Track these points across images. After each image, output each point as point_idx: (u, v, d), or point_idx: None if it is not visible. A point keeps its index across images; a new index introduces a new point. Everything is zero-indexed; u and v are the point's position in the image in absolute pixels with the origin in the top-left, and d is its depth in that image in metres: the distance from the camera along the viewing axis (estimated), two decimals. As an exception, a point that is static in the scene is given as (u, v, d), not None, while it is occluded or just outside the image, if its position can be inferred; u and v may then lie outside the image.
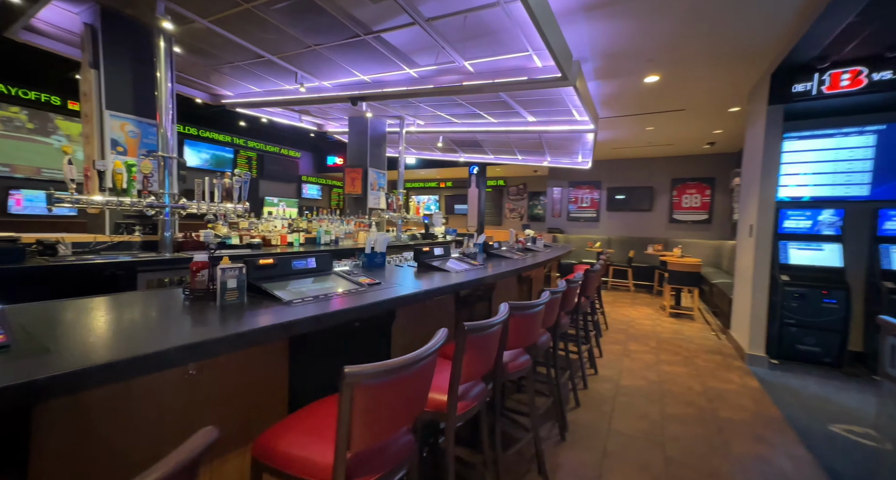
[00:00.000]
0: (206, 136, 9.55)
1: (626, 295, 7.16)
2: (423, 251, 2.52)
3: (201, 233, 2.97)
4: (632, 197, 8.51)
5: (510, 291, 3.32)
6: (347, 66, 3.36)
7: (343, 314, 1.28)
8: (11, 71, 6.07)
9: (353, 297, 1.46)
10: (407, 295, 1.58)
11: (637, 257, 7.97)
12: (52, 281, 2.04)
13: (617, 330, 4.69)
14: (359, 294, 1.52)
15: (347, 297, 1.45)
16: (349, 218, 4.83)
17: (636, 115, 5.32)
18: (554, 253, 4.25)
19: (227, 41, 3.00)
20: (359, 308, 1.36)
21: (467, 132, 5.57)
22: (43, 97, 6.71)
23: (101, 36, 2.55)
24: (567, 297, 2.36)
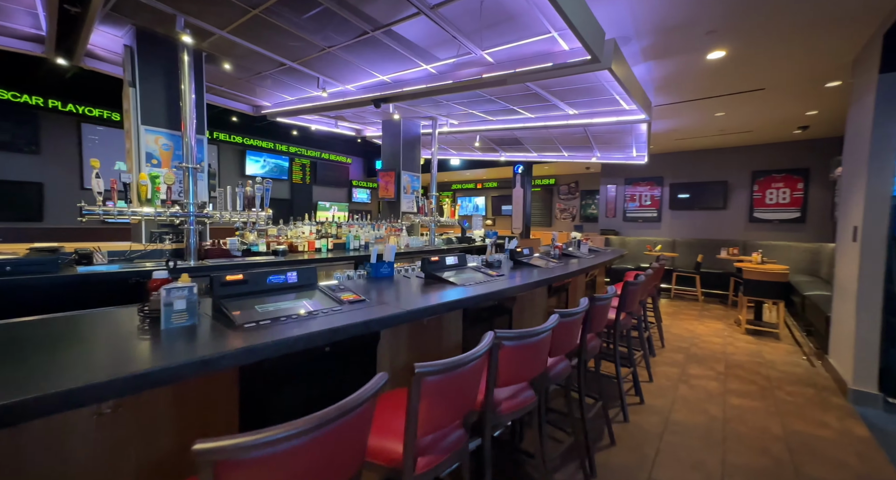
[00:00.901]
0: (265, 146, 10.28)
1: (692, 305, 6.29)
2: (430, 261, 2.31)
3: (227, 241, 3.06)
4: (700, 193, 7.49)
5: (538, 304, 2.98)
6: (365, 67, 3.28)
7: (299, 341, 1.13)
8: (95, 94, 6.97)
9: (322, 319, 1.30)
10: (387, 316, 1.39)
11: (707, 262, 6.99)
12: (79, 291, 2.15)
13: (675, 349, 4.07)
14: (331, 315, 1.36)
15: (316, 319, 1.30)
16: (380, 222, 4.78)
17: (700, 100, 4.60)
18: (598, 260, 3.80)
19: (249, 51, 3.07)
20: (323, 332, 1.20)
21: (504, 130, 5.25)
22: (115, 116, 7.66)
23: (136, 55, 2.74)
24: (594, 317, 2.00)
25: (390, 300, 1.65)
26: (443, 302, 1.65)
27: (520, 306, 2.68)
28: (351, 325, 1.27)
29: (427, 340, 1.91)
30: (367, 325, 1.33)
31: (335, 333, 1.22)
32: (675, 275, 6.88)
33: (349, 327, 1.27)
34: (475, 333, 2.23)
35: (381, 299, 1.64)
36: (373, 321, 1.35)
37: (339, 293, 1.62)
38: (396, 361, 1.73)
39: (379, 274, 2.30)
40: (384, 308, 1.49)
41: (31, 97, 6.34)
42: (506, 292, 2.08)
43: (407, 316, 1.45)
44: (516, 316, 2.62)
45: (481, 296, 1.89)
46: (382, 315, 1.38)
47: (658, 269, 3.82)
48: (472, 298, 1.84)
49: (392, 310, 1.45)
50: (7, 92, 6.08)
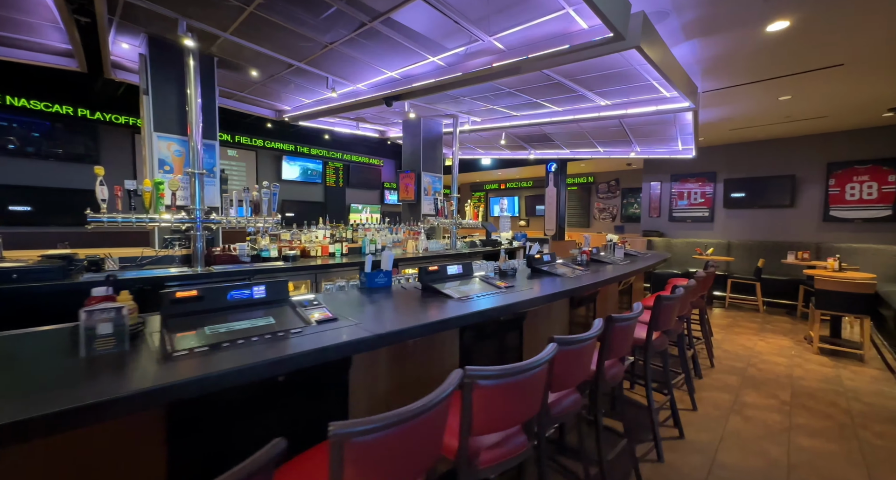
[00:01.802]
0: (301, 151, 10.61)
1: (751, 316, 5.54)
2: (427, 270, 2.10)
3: (237, 247, 3.04)
4: (762, 190, 6.62)
5: (557, 318, 2.66)
6: (372, 62, 3.13)
7: (225, 377, 0.95)
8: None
9: (274, 344, 1.13)
10: (348, 342, 1.19)
11: (769, 267, 6.16)
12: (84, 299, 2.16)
13: (728, 369, 3.53)
14: (288, 339, 1.19)
15: (266, 344, 1.13)
16: (398, 226, 4.64)
17: (759, 83, 3.99)
18: (633, 266, 3.39)
19: (256, 54, 3.04)
20: (263, 365, 1.02)
21: (530, 125, 4.91)
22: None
23: (149, 63, 2.79)
24: (614, 340, 1.68)
25: (368, 318, 1.45)
26: (428, 322, 1.42)
27: (535, 321, 2.39)
28: (300, 354, 1.08)
29: (416, 363, 1.69)
30: (322, 353, 1.13)
31: (277, 366, 1.04)
32: (729, 282, 6.12)
33: (299, 356, 1.08)
34: (479, 353, 1.98)
35: (358, 317, 1.45)
36: (330, 348, 1.15)
37: (310, 310, 1.45)
38: (375, 389, 1.53)
39: (373, 285, 2.12)
40: (353, 329, 1.29)
41: (91, 111, 6.93)
42: (513, 307, 1.82)
43: (375, 342, 1.25)
44: (529, 333, 2.33)
45: (481, 313, 1.65)
46: (342, 340, 1.19)
47: (705, 277, 3.33)
48: (470, 315, 1.60)
49: (361, 333, 1.25)
50: (69, 107, 6.68)
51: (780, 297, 6.05)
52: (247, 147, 9.53)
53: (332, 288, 2.10)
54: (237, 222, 2.85)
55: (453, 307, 1.68)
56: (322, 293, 1.98)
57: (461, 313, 1.57)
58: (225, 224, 2.77)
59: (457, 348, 1.86)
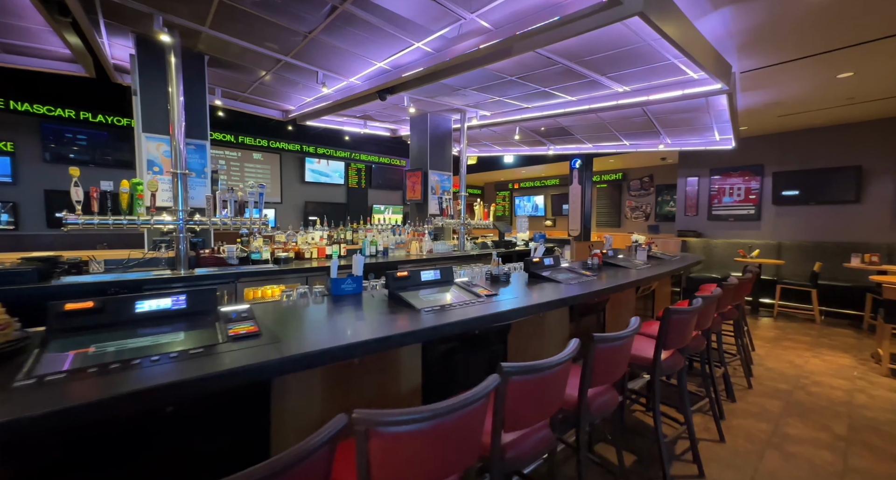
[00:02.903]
0: (323, 153, 10.77)
1: (805, 328, 4.85)
2: (395, 277, 1.88)
3: (225, 249, 2.98)
4: (819, 183, 5.82)
5: (554, 330, 2.35)
6: (357, 52, 2.97)
7: (64, 415, 0.79)
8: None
9: (161, 368, 0.96)
10: (257, 364, 1.00)
11: (828, 272, 5.39)
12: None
13: (769, 392, 3.03)
14: (184, 361, 1.01)
15: (155, 367, 0.96)
16: (402, 226, 4.47)
17: (811, 58, 3.42)
18: (655, 270, 3.02)
19: (242, 49, 2.99)
20: (123, 397, 0.85)
21: (543, 118, 4.56)
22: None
23: (136, 62, 2.79)
24: (599, 364, 1.38)
25: (297, 334, 1.26)
26: (358, 342, 1.21)
27: (523, 335, 2.11)
28: (177, 383, 0.90)
29: (365, 385, 1.48)
30: (201, 382, 0.94)
31: (135, 398, 0.86)
32: (779, 288, 5.42)
33: (165, 387, 0.89)
34: (446, 374, 1.74)
35: (287, 332, 1.26)
36: (213, 377, 0.95)
37: (235, 324, 1.27)
38: (310, 417, 1.33)
39: (340, 292, 1.94)
40: (264, 350, 1.10)
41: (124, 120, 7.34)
42: (483, 320, 1.57)
43: (281, 366, 1.04)
44: (516, 349, 2.06)
45: (434, 329, 1.41)
46: (238, 364, 1.00)
47: (738, 284, 2.87)
48: (421, 332, 1.37)
49: (268, 354, 1.06)
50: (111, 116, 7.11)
51: (842, 306, 5.27)
52: (271, 150, 9.78)
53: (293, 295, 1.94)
54: (222, 224, 2.78)
55: (409, 320, 1.45)
56: (278, 300, 1.83)
57: (411, 329, 1.35)
58: (209, 225, 2.71)
59: (419, 367, 1.63)
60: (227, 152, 8.96)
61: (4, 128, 6.14)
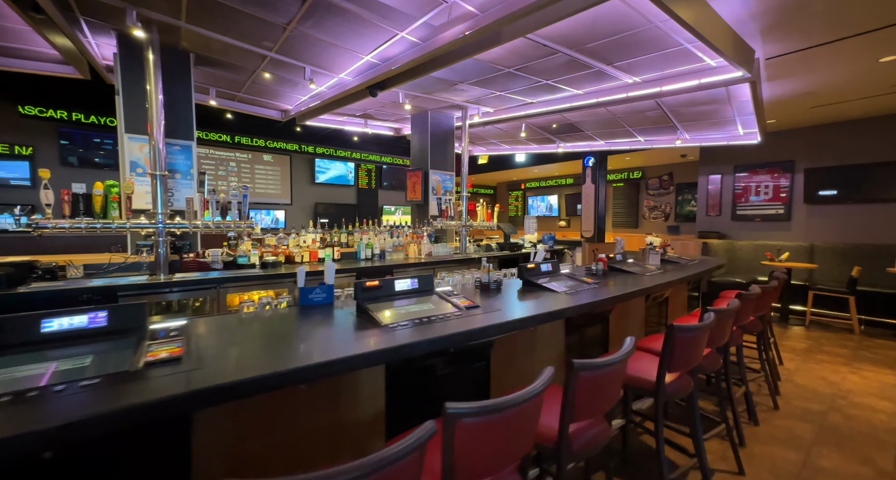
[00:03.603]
0: (333, 154, 10.77)
1: (841, 339, 4.42)
2: (364, 287, 1.71)
3: (209, 253, 2.89)
4: (859, 180, 5.33)
5: (548, 344, 2.12)
6: (340, 44, 2.82)
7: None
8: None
9: (42, 408, 0.82)
10: (154, 401, 0.85)
11: (869, 277, 4.92)
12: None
13: (799, 413, 2.71)
14: (77, 395, 0.87)
15: (29, 406, 0.82)
16: (400, 229, 4.31)
17: (848, 40, 3.06)
18: (669, 277, 2.77)
19: (225, 45, 2.90)
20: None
21: (550, 113, 4.31)
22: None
23: (119, 62, 2.73)
24: (581, 394, 1.17)
25: (235, 355, 1.11)
26: (305, 366, 1.04)
27: (509, 352, 1.90)
28: (37, 432, 0.75)
29: (317, 409, 1.31)
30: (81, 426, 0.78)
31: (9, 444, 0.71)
32: (811, 294, 4.98)
33: (32, 435, 0.74)
34: (420, 394, 1.55)
35: (223, 354, 1.11)
36: (90, 420, 0.79)
37: (159, 345, 1.12)
38: (243, 452, 1.17)
39: (308, 303, 1.78)
40: (182, 378, 0.95)
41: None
42: (460, 337, 1.38)
43: (186, 401, 0.88)
44: (503, 365, 1.85)
45: (407, 348, 1.23)
46: (127, 403, 0.84)
47: (764, 292, 2.57)
48: (388, 351, 1.20)
49: (174, 388, 0.90)
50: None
51: (885, 315, 4.79)
52: (281, 152, 9.83)
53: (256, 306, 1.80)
54: (204, 227, 2.69)
55: (371, 338, 1.28)
56: (235, 313, 1.68)
57: (368, 350, 1.17)
58: (190, 229, 2.62)
59: (382, 389, 1.45)
60: (237, 154, 9.05)
61: (24, 132, 6.34)
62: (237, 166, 9.05)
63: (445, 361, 1.61)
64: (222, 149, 8.81)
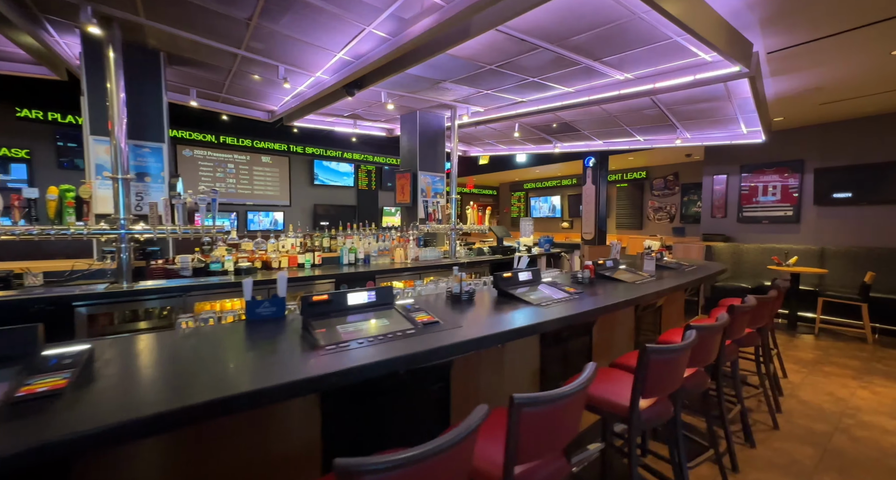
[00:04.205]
0: (332, 155, 10.71)
1: (854, 349, 4.18)
2: (310, 302, 1.59)
3: (178, 259, 2.80)
4: (872, 180, 5.06)
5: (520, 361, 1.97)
6: (307, 39, 2.71)
7: None
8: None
9: None
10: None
11: (883, 283, 4.66)
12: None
13: (801, 434, 2.51)
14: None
15: None
16: (387, 232, 4.19)
17: (856, 30, 2.85)
18: (663, 285, 2.61)
19: (195, 44, 2.80)
20: None
21: (541, 112, 4.14)
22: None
23: (83, 61, 2.65)
24: (525, 437, 1.02)
25: (127, 387, 0.98)
26: (191, 405, 0.91)
27: (477, 367, 1.75)
28: None
29: (240, 442, 1.18)
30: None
31: None
32: (821, 301, 4.72)
33: None
34: (365, 421, 1.42)
35: (115, 385, 0.99)
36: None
37: (44, 376, 0.99)
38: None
39: (256, 317, 1.66)
40: (52, 420, 0.83)
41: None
42: (401, 361, 1.25)
43: (57, 449, 0.76)
44: (466, 386, 1.71)
45: (334, 376, 1.10)
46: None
47: (760, 304, 2.38)
48: (313, 380, 1.07)
49: (26, 440, 0.78)
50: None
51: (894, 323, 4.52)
52: (280, 153, 9.80)
53: (198, 320, 1.69)
54: (171, 232, 2.59)
55: (301, 363, 1.16)
56: (173, 329, 1.57)
57: (286, 380, 1.04)
58: (154, 234, 2.52)
59: (317, 417, 1.32)
60: (235, 156, 9.03)
61: (21, 135, 6.37)
62: (235, 168, 9.03)
63: (395, 384, 1.48)
64: (220, 151, 8.80)
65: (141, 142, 2.87)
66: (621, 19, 2.29)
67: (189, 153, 8.34)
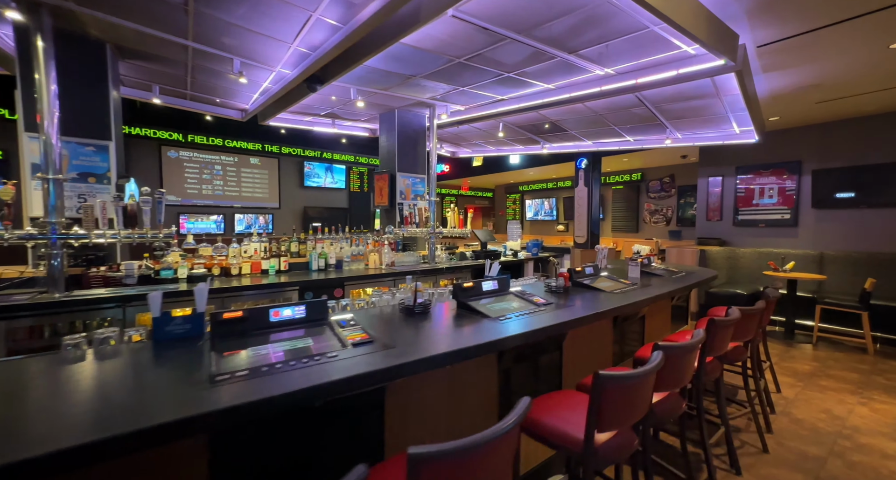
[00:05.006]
0: (324, 157, 10.54)
1: (854, 360, 3.96)
2: (221, 320, 1.40)
3: (122, 265, 2.62)
4: (873, 182, 4.85)
5: (470, 383, 1.77)
6: (256, 29, 2.52)
7: None
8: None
9: None
10: None
11: (885, 291, 4.45)
12: None
13: (791, 460, 2.30)
14: None
15: None
16: (361, 236, 4.00)
17: (850, 22, 2.65)
18: (643, 295, 2.43)
19: (139, 34, 2.62)
20: None
21: (525, 110, 3.95)
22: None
23: (17, 53, 2.47)
24: None
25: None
26: (33, 457, 0.72)
27: (420, 393, 1.56)
28: None
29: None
30: None
31: None
32: (819, 309, 4.51)
33: None
34: (268, 461, 1.22)
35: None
36: None
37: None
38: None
39: (166, 337, 1.47)
40: None
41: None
42: (298, 396, 1.06)
43: None
44: (407, 414, 1.51)
45: (210, 417, 0.91)
46: None
47: (745, 317, 2.18)
48: (188, 422, 0.88)
49: None
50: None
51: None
52: (269, 154, 9.64)
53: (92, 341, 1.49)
54: (112, 237, 2.41)
55: (182, 399, 0.97)
56: (61, 350, 1.38)
57: (152, 424, 0.85)
58: (90, 239, 2.34)
59: (204, 458, 1.12)
60: (222, 157, 8.88)
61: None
62: (222, 169, 8.88)
63: (311, 417, 1.28)
64: (207, 153, 8.64)
65: (84, 140, 2.69)
66: (590, 4, 2.10)
67: (174, 154, 8.19)
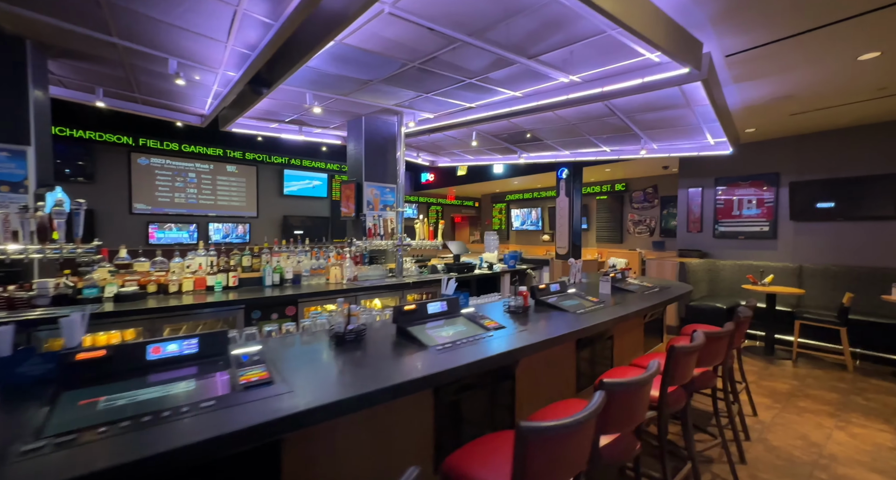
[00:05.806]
0: (304, 165, 10.33)
1: (834, 378, 3.83)
2: (71, 362, 1.18)
3: (34, 284, 2.36)
4: (851, 194, 4.80)
5: (408, 425, 1.56)
6: (185, 26, 2.32)
7: None
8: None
9: None
10: None
11: (863, 305, 4.37)
12: None
13: (763, 499, 2.12)
14: None
15: None
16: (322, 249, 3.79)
17: (814, 32, 2.57)
18: (610, 315, 2.27)
19: (58, 30, 2.41)
20: None
21: (495, 118, 3.82)
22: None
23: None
24: None
25: None
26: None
27: (331, 440, 1.35)
28: None
29: None
30: None
31: None
32: (797, 324, 4.39)
33: None
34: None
35: None
36: None
37: None
38: None
39: (14, 380, 1.21)
40: None
41: (85, 132, 7.09)
42: (179, 453, 0.85)
43: None
44: (314, 465, 1.30)
45: None
46: None
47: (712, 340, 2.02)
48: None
49: None
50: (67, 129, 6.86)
51: (882, 349, 4.19)
52: (247, 162, 9.41)
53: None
54: (17, 252, 2.17)
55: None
56: None
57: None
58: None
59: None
60: (197, 164, 8.61)
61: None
62: (197, 177, 8.60)
63: (197, 474, 1.07)
64: (180, 160, 8.37)
65: (20, 147, 2.46)
66: (536, 4, 1.97)
67: (145, 161, 7.90)
